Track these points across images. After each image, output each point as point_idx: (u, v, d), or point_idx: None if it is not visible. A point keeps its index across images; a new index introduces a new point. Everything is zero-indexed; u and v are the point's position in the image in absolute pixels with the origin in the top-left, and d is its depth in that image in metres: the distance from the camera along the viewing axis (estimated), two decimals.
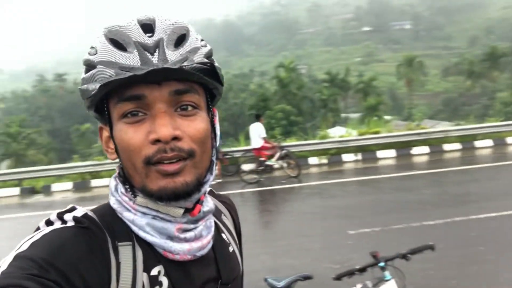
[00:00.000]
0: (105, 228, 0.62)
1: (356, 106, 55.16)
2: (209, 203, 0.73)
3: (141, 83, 0.58)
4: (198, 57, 0.62)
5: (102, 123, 0.68)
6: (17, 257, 0.53)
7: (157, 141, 0.58)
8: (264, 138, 10.41)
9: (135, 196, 0.65)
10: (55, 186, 11.72)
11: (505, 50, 55.35)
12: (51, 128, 64.46)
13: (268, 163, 10.23)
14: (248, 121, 42.11)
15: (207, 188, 0.68)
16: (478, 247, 4.76)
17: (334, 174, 10.49)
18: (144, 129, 0.60)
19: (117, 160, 0.66)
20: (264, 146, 10.35)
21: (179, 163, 0.60)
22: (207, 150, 0.65)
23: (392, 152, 12.13)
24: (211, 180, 0.69)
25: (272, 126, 30.11)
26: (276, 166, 10.75)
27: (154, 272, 0.63)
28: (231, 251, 0.77)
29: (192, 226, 0.67)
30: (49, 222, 0.61)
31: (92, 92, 0.59)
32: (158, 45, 0.60)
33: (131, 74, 0.56)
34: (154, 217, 0.64)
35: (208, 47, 0.67)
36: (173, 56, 0.60)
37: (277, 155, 10.35)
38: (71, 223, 0.60)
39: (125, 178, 0.66)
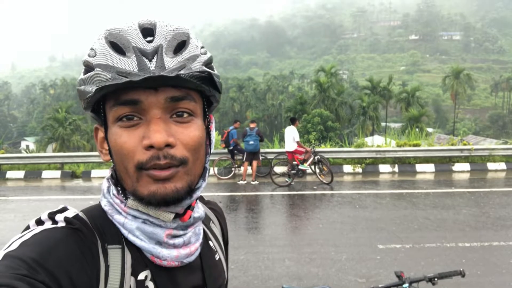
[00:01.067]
0: (95, 230, 0.63)
1: (397, 116, 53.68)
2: (199, 210, 0.73)
3: (138, 88, 0.59)
4: (196, 65, 0.62)
5: (98, 124, 0.69)
6: (6, 256, 0.52)
7: (150, 147, 0.59)
8: (298, 142, 10.33)
9: (126, 199, 0.65)
10: (94, 172, 12.20)
11: None
12: None
13: (300, 167, 10.14)
14: (285, 122, 42.08)
15: (198, 194, 0.68)
16: None
17: (368, 184, 10.23)
18: (138, 134, 0.60)
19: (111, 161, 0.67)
20: (297, 150, 10.28)
21: (171, 170, 0.60)
22: (200, 157, 0.66)
23: (431, 167, 11.68)
24: (203, 186, 0.69)
25: (308, 130, 29.88)
26: (309, 171, 10.64)
27: (141, 276, 0.63)
28: (217, 259, 0.77)
29: (181, 232, 0.67)
30: (39, 222, 0.61)
31: (88, 95, 0.60)
32: (156, 51, 0.59)
33: (127, 79, 0.56)
34: (144, 221, 0.65)
35: (208, 55, 0.66)
36: (171, 63, 0.59)
37: (310, 160, 10.24)
38: (62, 224, 0.59)
39: (117, 180, 0.66)
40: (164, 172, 0.60)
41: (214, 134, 0.72)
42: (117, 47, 0.60)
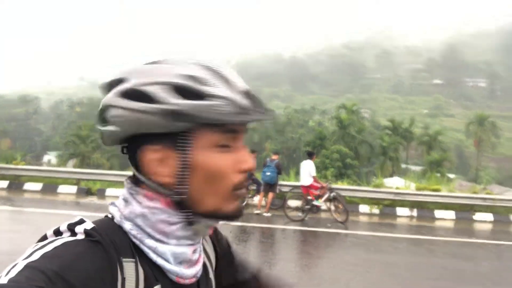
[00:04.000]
0: (110, 242, 0.64)
1: (418, 159, 52.85)
2: None
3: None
4: None
5: (148, 145, 0.66)
6: (26, 267, 0.53)
7: (245, 171, 0.68)
8: (314, 177, 10.18)
9: (190, 223, 0.68)
10: (109, 191, 12.25)
11: None
12: None
13: (315, 203, 9.93)
14: (303, 156, 41.71)
15: None
16: None
17: (384, 227, 9.90)
18: (231, 158, 0.67)
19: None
20: (313, 185, 10.11)
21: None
22: None
23: (451, 214, 11.26)
24: None
25: (326, 166, 29.60)
26: (323, 207, 10.40)
27: None
28: (210, 276, 0.79)
29: (197, 245, 0.71)
30: (58, 232, 0.62)
31: (211, 121, 0.63)
32: (249, 91, 0.67)
33: (251, 117, 0.65)
34: (179, 243, 0.67)
35: None
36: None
37: (326, 196, 10.03)
38: (81, 236, 0.60)
39: (181, 205, 0.67)
40: (245, 191, 0.69)
41: None
42: (225, 80, 0.65)
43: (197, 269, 0.70)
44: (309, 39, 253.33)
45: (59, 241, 0.59)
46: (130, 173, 0.74)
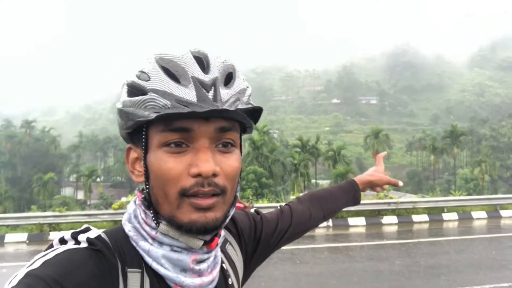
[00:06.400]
0: (116, 252, 0.63)
1: (325, 173, 56.32)
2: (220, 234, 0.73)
3: (190, 117, 0.60)
4: (245, 98, 0.65)
5: (131, 144, 0.69)
6: (27, 275, 0.54)
7: (197, 175, 0.60)
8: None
9: (158, 224, 0.65)
10: (9, 237, 10.84)
11: (464, 130, 59.56)
12: (12, 176, 61.38)
13: None
14: None
15: (227, 221, 0.68)
16: None
17: (305, 239, 10.28)
18: (185, 161, 0.61)
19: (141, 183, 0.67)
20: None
21: (213, 198, 0.61)
22: (235, 187, 0.68)
23: (362, 220, 12.18)
24: (232, 213, 0.70)
25: (243, 188, 29.98)
26: None
27: None
28: (230, 283, 0.77)
29: (206, 256, 0.68)
30: (62, 241, 0.62)
31: (142, 118, 0.60)
32: (214, 83, 0.61)
33: (190, 110, 0.58)
34: (172, 248, 0.65)
35: (250, 88, 0.70)
36: (225, 95, 0.62)
37: None
38: (84, 244, 0.61)
39: (150, 204, 0.66)
40: (207, 201, 0.61)
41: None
42: (172, 74, 0.61)
43: (204, 281, 0.66)
44: None
45: (61, 249, 0.59)
46: (30, 214, 0.70)
